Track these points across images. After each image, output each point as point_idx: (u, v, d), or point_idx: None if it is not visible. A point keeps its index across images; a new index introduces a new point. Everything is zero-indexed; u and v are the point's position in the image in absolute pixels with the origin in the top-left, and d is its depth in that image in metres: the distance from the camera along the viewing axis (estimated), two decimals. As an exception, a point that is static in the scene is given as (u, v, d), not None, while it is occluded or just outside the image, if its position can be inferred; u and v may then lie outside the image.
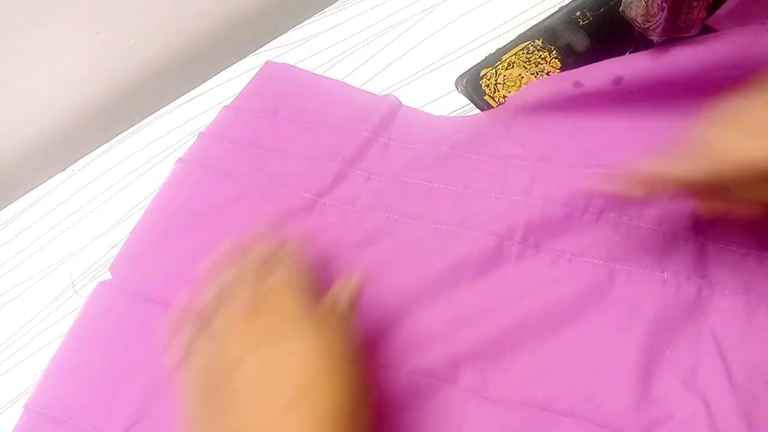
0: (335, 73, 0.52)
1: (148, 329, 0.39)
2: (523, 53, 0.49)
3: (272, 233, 0.38)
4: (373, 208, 0.42)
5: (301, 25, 0.55)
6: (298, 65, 0.52)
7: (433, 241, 0.39)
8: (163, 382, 0.37)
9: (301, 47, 0.54)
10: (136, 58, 0.52)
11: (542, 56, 0.49)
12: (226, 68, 0.53)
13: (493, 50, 0.50)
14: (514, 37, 0.50)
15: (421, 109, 0.48)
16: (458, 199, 0.41)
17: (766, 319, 0.34)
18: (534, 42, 0.50)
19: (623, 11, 0.41)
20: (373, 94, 0.49)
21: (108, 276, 0.43)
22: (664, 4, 0.38)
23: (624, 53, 0.45)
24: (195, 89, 0.53)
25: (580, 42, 0.49)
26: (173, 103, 0.52)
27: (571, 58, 0.49)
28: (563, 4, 0.52)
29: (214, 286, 0.36)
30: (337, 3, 0.56)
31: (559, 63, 0.49)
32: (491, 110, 0.45)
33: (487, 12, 0.53)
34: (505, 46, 0.50)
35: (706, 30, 0.39)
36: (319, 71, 0.52)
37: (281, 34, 0.55)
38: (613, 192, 0.36)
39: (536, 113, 0.44)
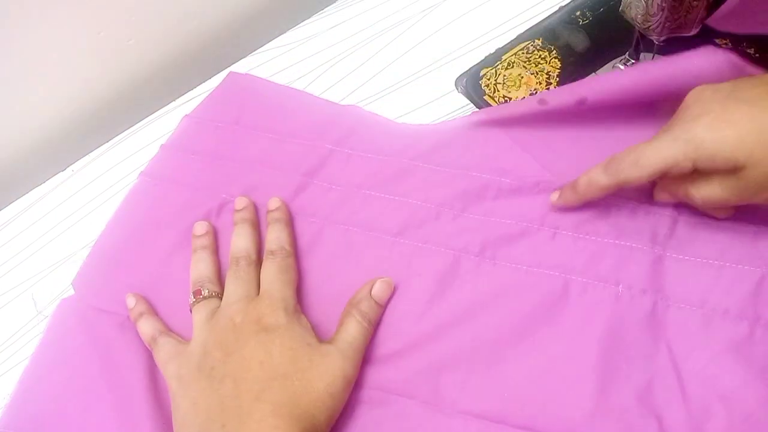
0: (335, 73, 0.52)
1: (115, 343, 0.39)
2: (523, 53, 0.49)
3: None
4: (332, 221, 0.42)
5: (300, 25, 0.55)
6: (297, 65, 0.52)
7: (390, 256, 0.40)
8: (136, 394, 0.37)
9: (301, 47, 0.54)
10: (136, 58, 0.52)
11: (542, 56, 0.49)
12: (226, 68, 0.53)
13: (493, 50, 0.50)
14: (514, 36, 0.50)
15: (421, 108, 0.48)
16: (417, 213, 0.41)
17: (721, 332, 0.34)
18: (534, 42, 0.50)
19: (623, 11, 0.41)
20: (337, 104, 0.48)
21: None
22: (663, 4, 0.38)
23: (624, 53, 0.46)
24: (195, 89, 0.53)
25: (580, 42, 0.49)
26: (173, 103, 0.52)
27: (571, 58, 0.49)
28: (563, 3, 0.52)
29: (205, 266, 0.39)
30: (336, 3, 0.56)
31: (559, 63, 0.49)
32: (456, 120, 0.45)
33: (487, 12, 0.53)
34: (504, 45, 0.50)
35: (706, 30, 0.40)
36: (318, 71, 0.52)
37: (281, 34, 0.55)
38: (569, 203, 0.38)
39: (498, 127, 0.44)
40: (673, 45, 0.43)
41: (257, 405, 0.32)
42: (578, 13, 0.51)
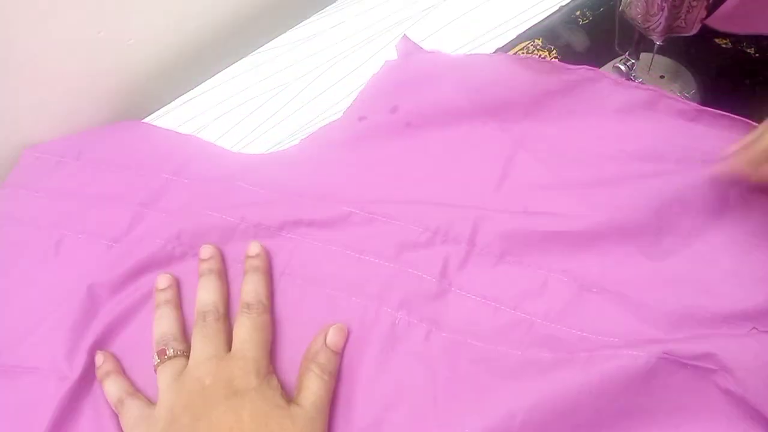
0: (335, 73, 0.52)
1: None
2: (523, 53, 0.49)
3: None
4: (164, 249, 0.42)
5: (301, 24, 0.55)
6: (297, 65, 0.52)
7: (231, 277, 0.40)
8: None
9: (301, 47, 0.54)
10: (136, 58, 0.52)
11: (542, 56, 0.49)
12: (226, 68, 0.53)
13: (493, 50, 0.50)
14: (514, 36, 0.51)
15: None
16: (236, 229, 0.41)
17: (485, 363, 0.35)
18: (534, 41, 0.50)
19: (623, 11, 0.41)
20: (177, 133, 0.49)
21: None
22: (663, 4, 0.38)
23: (624, 53, 0.46)
24: (195, 89, 0.53)
25: (580, 41, 0.50)
26: (173, 102, 0.52)
27: (571, 58, 0.49)
28: (563, 3, 0.52)
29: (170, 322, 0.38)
30: (336, 3, 0.56)
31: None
32: (290, 148, 0.47)
33: (487, 12, 0.53)
34: (505, 45, 0.50)
35: (706, 30, 0.40)
36: (319, 71, 0.52)
37: (281, 34, 0.55)
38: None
39: (327, 150, 0.45)
40: (673, 45, 0.43)
41: None
42: (578, 13, 0.51)
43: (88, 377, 0.37)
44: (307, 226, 0.41)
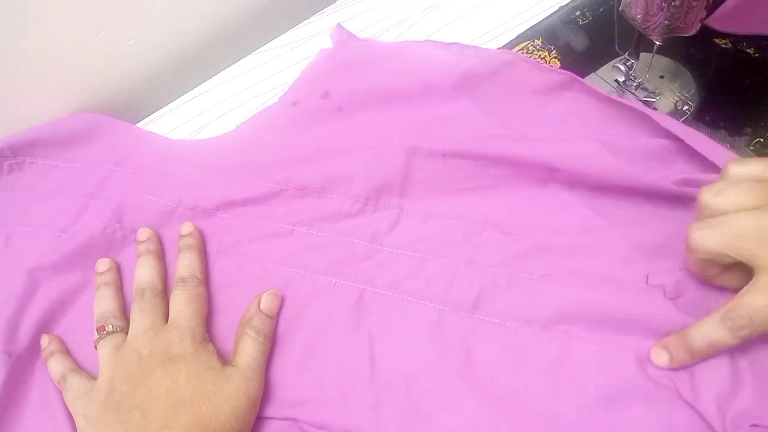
0: (335, 73, 0.51)
1: None
2: (523, 53, 0.49)
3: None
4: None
5: (301, 24, 0.55)
6: (298, 65, 0.52)
7: (170, 258, 0.41)
8: None
9: (301, 47, 0.54)
10: (136, 58, 0.52)
11: (542, 56, 0.49)
12: (226, 68, 0.53)
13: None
14: (514, 36, 0.51)
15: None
16: (175, 211, 0.43)
17: (415, 316, 0.37)
18: (534, 42, 0.50)
19: (623, 11, 0.41)
20: (118, 122, 0.49)
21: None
22: (663, 4, 0.38)
23: (624, 53, 0.46)
24: (195, 89, 0.53)
25: (580, 41, 0.50)
26: (173, 103, 0.52)
27: (571, 58, 0.49)
28: (563, 3, 0.52)
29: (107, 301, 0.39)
30: (337, 3, 0.56)
31: (558, 62, 0.49)
32: (226, 134, 0.48)
33: (487, 12, 0.53)
34: (505, 45, 0.50)
35: (706, 30, 0.40)
36: (319, 71, 0.52)
37: (281, 34, 0.55)
38: (683, 363, 0.33)
39: (262, 133, 0.46)
40: (673, 45, 0.43)
41: None
42: (578, 13, 0.51)
43: (32, 356, 0.38)
44: (241, 205, 0.43)
